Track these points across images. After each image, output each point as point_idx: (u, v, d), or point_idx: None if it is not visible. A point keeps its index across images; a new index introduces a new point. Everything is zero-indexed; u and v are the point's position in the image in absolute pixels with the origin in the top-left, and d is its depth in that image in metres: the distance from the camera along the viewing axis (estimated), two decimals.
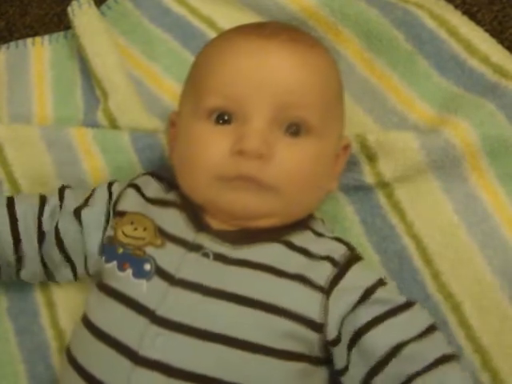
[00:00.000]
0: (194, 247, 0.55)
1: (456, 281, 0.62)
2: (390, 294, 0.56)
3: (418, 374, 0.50)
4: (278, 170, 0.54)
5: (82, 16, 0.76)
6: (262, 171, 0.53)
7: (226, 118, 0.55)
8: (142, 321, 0.52)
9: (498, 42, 0.68)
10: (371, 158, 0.64)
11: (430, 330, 0.53)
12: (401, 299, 0.55)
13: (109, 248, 0.57)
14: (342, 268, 0.56)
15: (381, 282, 0.56)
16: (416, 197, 0.64)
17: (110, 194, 0.62)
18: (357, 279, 0.55)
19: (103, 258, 0.57)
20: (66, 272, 0.62)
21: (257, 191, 0.54)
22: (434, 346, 0.53)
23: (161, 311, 0.52)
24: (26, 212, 0.60)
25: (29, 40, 0.81)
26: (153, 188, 0.62)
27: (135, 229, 0.57)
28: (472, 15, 0.70)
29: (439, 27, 0.68)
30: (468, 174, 0.64)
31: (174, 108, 0.70)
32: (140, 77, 0.76)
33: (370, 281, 0.55)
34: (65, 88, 0.78)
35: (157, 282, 0.54)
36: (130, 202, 0.60)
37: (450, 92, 0.67)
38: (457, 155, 0.62)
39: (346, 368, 0.54)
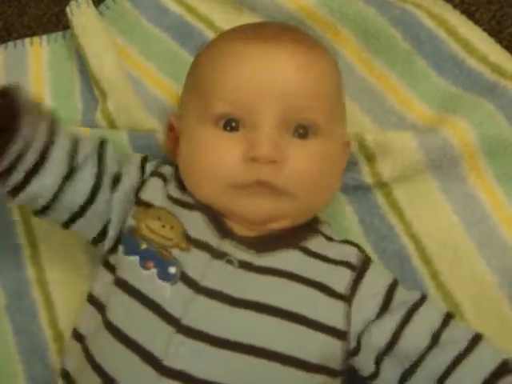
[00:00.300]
0: (219, 254, 0.54)
1: (455, 281, 0.62)
2: (407, 294, 0.56)
3: (460, 357, 0.51)
4: (291, 173, 0.54)
5: (81, 16, 0.76)
6: (276, 176, 0.53)
7: (233, 124, 0.55)
8: (167, 329, 0.51)
9: (497, 41, 0.68)
10: (369, 157, 0.64)
11: (450, 315, 0.55)
12: (416, 295, 0.56)
13: (129, 239, 0.55)
14: (359, 272, 0.56)
15: (395, 283, 0.57)
16: (414, 197, 0.64)
17: (143, 171, 0.60)
18: (375, 283, 0.56)
19: (121, 247, 0.55)
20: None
21: (271, 195, 0.54)
22: (462, 329, 0.54)
23: (186, 320, 0.51)
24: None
25: (27, 40, 0.81)
26: (173, 185, 0.59)
27: (163, 226, 0.55)
28: (470, 14, 0.70)
29: (438, 27, 0.68)
30: (466, 173, 0.64)
31: (171, 108, 0.70)
32: (138, 77, 0.75)
33: (386, 283, 0.56)
34: (63, 88, 0.77)
35: (181, 288, 0.52)
36: (156, 193, 0.58)
37: (448, 92, 0.67)
38: (455, 155, 0.62)
39: (377, 373, 0.54)
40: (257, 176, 0.53)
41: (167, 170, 0.61)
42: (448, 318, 0.55)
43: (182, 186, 0.59)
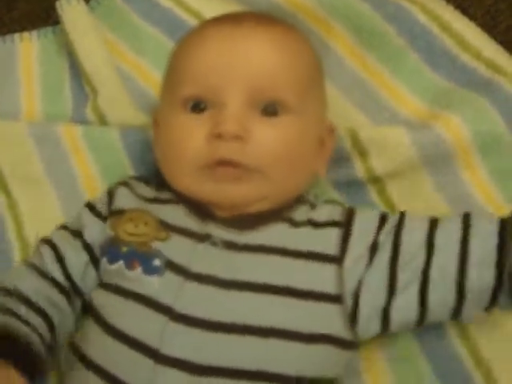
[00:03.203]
0: (202, 237, 0.54)
1: None
2: (389, 222, 0.55)
3: (463, 242, 0.52)
4: (257, 150, 0.53)
5: (71, 11, 0.75)
6: (241, 153, 0.53)
7: (202, 106, 0.55)
8: (160, 318, 0.51)
9: (491, 36, 0.67)
10: (363, 153, 0.63)
11: (435, 219, 0.55)
12: (395, 217, 0.56)
13: (111, 249, 0.56)
14: (345, 228, 0.55)
15: (383, 221, 0.55)
16: (408, 193, 0.64)
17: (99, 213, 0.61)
18: (363, 235, 0.55)
19: (105, 259, 0.56)
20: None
21: (240, 179, 0.53)
22: (450, 221, 0.54)
23: (178, 307, 0.51)
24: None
25: (17, 35, 0.80)
26: (144, 190, 0.61)
27: (136, 225, 0.56)
28: (464, 10, 0.70)
29: (431, 22, 0.68)
30: (460, 169, 0.63)
31: None
32: (128, 72, 0.75)
33: (374, 228, 0.55)
34: (53, 84, 0.77)
35: (170, 276, 0.53)
36: (126, 199, 0.59)
37: (441, 87, 0.67)
38: (448, 151, 0.62)
39: (388, 320, 0.53)
40: (220, 154, 0.52)
41: (131, 181, 0.62)
42: (433, 221, 0.54)
43: (157, 186, 0.60)
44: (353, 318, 0.53)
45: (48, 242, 0.60)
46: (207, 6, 0.76)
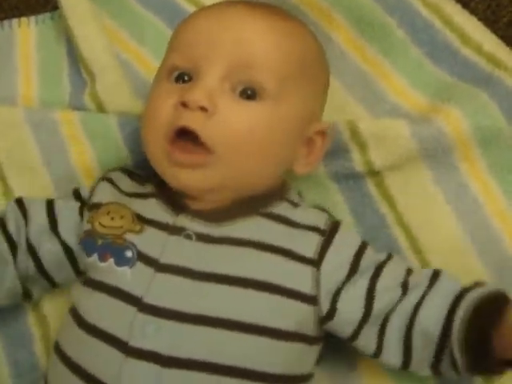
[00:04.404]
0: (176, 230, 0.54)
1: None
2: (375, 255, 0.56)
3: (423, 296, 0.52)
4: (219, 126, 0.52)
5: None
6: (202, 126, 0.52)
7: (185, 78, 0.55)
8: (129, 310, 0.51)
9: (492, 31, 0.68)
10: (362, 145, 0.63)
11: (412, 268, 0.56)
12: (383, 255, 0.57)
13: (88, 241, 0.56)
14: (328, 236, 0.55)
15: (364, 245, 0.57)
16: (406, 186, 0.64)
17: (81, 199, 0.62)
18: (344, 247, 0.55)
19: (84, 252, 0.56)
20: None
21: (195, 166, 0.53)
22: (424, 272, 0.55)
23: (148, 298, 0.51)
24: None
25: (14, 21, 0.79)
26: (126, 184, 0.61)
27: (112, 218, 0.56)
28: (465, 4, 0.70)
29: (433, 15, 0.68)
30: (459, 163, 0.63)
31: None
32: (128, 60, 0.74)
33: (355, 245, 0.56)
34: (51, 71, 0.76)
35: (141, 268, 0.53)
36: (105, 194, 0.60)
37: (442, 81, 0.67)
38: (448, 144, 0.62)
39: (355, 336, 0.54)
40: (182, 121, 0.52)
41: (115, 174, 0.63)
42: (411, 269, 0.56)
43: (141, 180, 0.61)
44: (326, 319, 0.54)
45: (19, 200, 0.62)
46: None
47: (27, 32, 0.79)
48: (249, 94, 0.53)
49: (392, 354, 0.53)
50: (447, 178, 0.63)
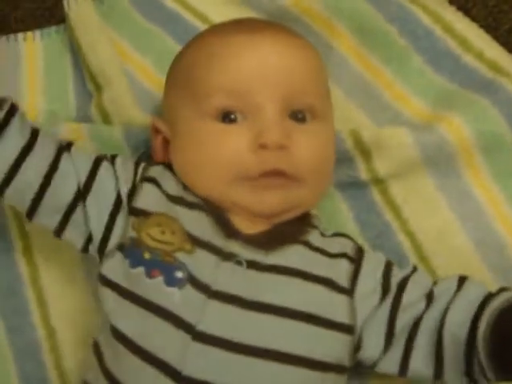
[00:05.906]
0: (227, 256, 0.52)
1: None
2: (401, 272, 0.56)
3: (450, 301, 0.52)
4: (299, 158, 0.53)
5: (78, 9, 0.75)
6: (288, 163, 0.53)
7: (232, 116, 0.54)
8: (181, 336, 0.49)
9: (493, 38, 0.68)
10: (366, 154, 0.63)
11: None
12: (408, 269, 0.57)
13: (133, 251, 0.53)
14: (357, 263, 0.56)
15: (389, 264, 0.57)
16: (410, 193, 0.64)
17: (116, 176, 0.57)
18: (372, 271, 0.56)
19: (127, 261, 0.53)
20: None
21: (282, 187, 0.53)
22: (449, 279, 0.55)
23: (202, 326, 0.49)
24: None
25: (20, 35, 0.80)
26: (171, 183, 0.58)
27: (163, 232, 0.53)
28: (467, 11, 0.70)
29: (434, 23, 0.68)
30: (462, 170, 0.64)
31: None
32: (132, 72, 0.75)
33: (382, 268, 0.56)
34: (57, 84, 0.76)
35: (191, 292, 0.50)
36: (151, 199, 0.56)
37: (444, 88, 0.67)
38: (451, 151, 0.62)
39: (381, 356, 0.54)
40: (270, 165, 0.52)
41: (156, 171, 0.59)
42: (437, 280, 0.56)
43: (180, 182, 0.58)
44: (357, 347, 0.54)
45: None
46: (212, 8, 0.76)
47: (33, 46, 0.79)
48: (300, 117, 0.55)
49: (423, 364, 0.52)
50: (450, 184, 0.64)
